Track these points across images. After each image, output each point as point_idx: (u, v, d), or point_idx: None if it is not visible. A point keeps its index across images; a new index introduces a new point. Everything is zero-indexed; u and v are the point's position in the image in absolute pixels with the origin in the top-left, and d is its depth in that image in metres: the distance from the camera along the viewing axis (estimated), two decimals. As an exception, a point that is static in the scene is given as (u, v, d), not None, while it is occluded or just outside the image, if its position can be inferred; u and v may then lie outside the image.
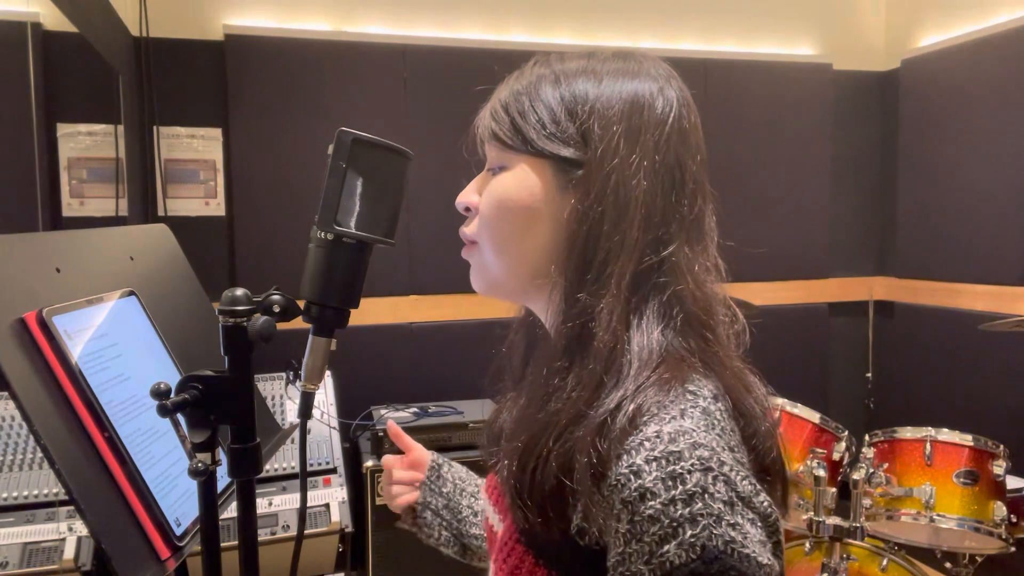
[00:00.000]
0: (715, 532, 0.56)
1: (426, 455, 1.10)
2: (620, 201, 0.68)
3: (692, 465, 0.58)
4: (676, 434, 0.59)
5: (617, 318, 0.66)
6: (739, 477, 0.59)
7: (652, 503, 0.57)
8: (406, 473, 1.09)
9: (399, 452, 1.14)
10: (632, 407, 0.62)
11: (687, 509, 0.56)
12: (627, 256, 0.68)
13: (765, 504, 0.60)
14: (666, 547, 0.56)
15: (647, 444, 0.59)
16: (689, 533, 0.55)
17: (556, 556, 0.66)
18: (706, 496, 0.57)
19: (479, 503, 1.07)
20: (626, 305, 0.67)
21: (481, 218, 0.76)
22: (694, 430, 0.60)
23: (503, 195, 0.74)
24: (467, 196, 0.79)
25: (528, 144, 0.72)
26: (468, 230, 0.78)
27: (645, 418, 0.61)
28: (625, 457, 0.59)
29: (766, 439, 0.68)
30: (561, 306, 0.70)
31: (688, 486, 0.57)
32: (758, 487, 0.60)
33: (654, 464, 0.58)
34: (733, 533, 0.56)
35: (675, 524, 0.56)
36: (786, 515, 0.70)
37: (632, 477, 0.58)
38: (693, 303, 0.69)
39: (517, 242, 0.74)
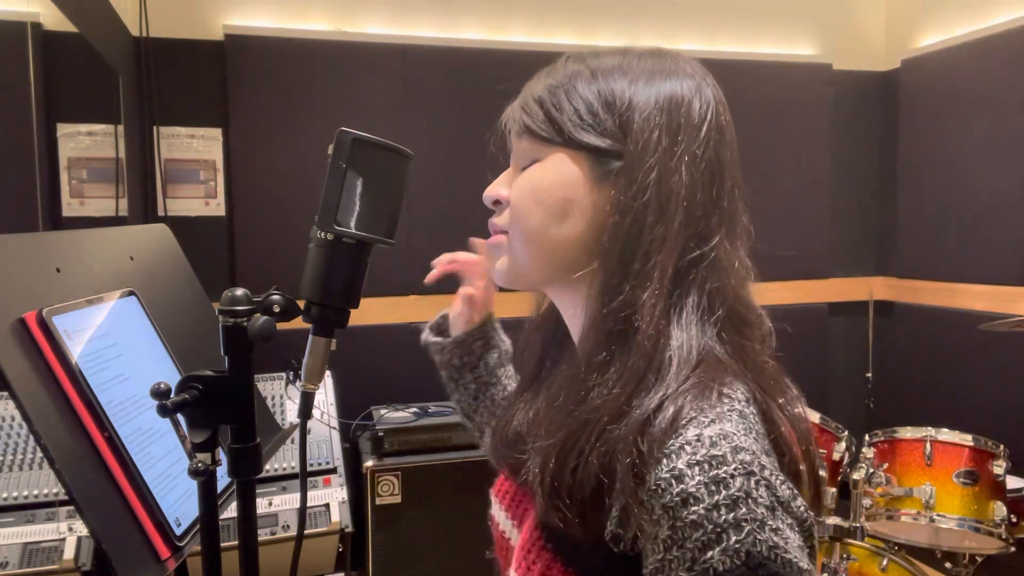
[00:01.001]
0: (759, 538, 0.55)
1: (490, 300, 1.10)
2: (663, 193, 0.67)
3: (735, 470, 0.57)
4: (717, 437, 0.59)
5: (660, 312, 0.65)
6: (778, 481, 0.58)
7: (695, 508, 0.56)
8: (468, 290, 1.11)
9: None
10: (672, 409, 0.61)
11: (731, 514, 0.55)
12: (670, 249, 0.67)
13: (802, 509, 0.59)
14: (709, 553, 0.55)
15: (688, 448, 0.58)
16: (734, 539, 0.54)
17: (587, 562, 0.65)
18: (750, 501, 0.56)
19: (503, 390, 1.08)
20: (668, 299, 0.66)
21: (513, 209, 0.75)
22: (735, 433, 0.59)
23: (537, 185, 0.72)
24: (496, 189, 0.77)
25: (564, 135, 0.71)
26: (499, 220, 0.77)
27: (684, 421, 0.60)
28: (665, 461, 0.58)
29: (800, 444, 0.67)
30: (600, 299, 0.68)
31: (732, 491, 0.56)
32: (795, 491, 0.59)
33: (696, 468, 0.57)
34: (776, 539, 0.55)
35: (719, 530, 0.55)
36: (820, 520, 0.70)
37: (674, 482, 0.57)
38: (735, 299, 0.69)
39: (550, 233, 0.72)
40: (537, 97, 0.74)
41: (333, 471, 2.26)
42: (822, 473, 2.05)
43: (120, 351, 0.96)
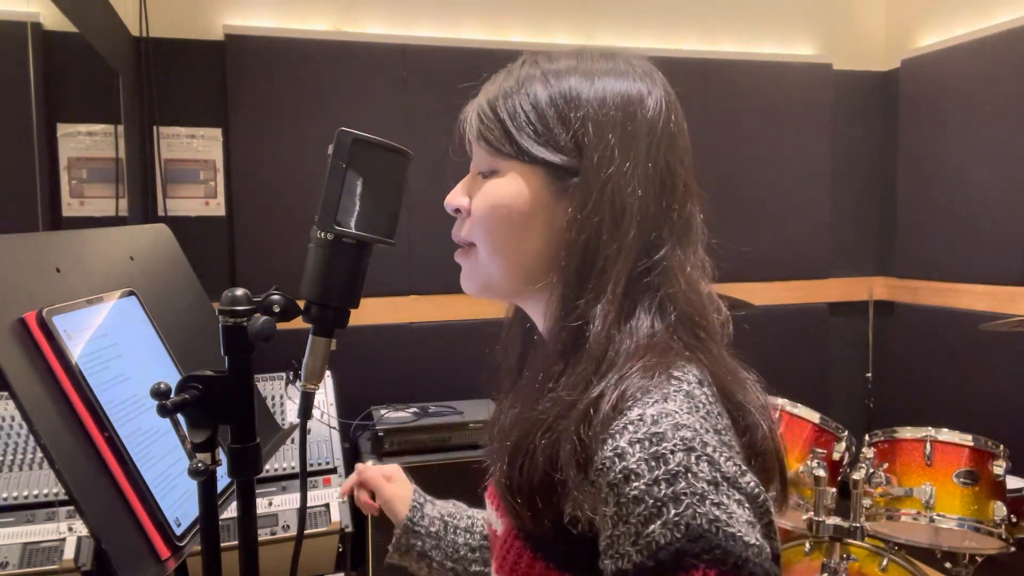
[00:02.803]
0: (699, 511, 0.56)
1: (406, 489, 1.08)
2: (616, 209, 0.69)
3: (675, 445, 0.58)
4: (659, 416, 0.60)
5: (611, 322, 0.67)
6: (723, 458, 0.59)
7: (636, 483, 0.57)
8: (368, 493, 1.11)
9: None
10: (615, 394, 0.63)
11: (670, 488, 0.57)
12: (623, 261, 0.69)
13: (752, 485, 0.60)
14: (651, 527, 0.56)
15: (631, 427, 0.60)
16: (673, 512, 0.56)
17: (552, 547, 0.67)
18: (689, 475, 0.57)
19: (475, 537, 1.05)
20: (620, 309, 0.68)
21: (476, 222, 0.76)
22: (676, 412, 0.61)
23: (497, 201, 0.73)
24: (456, 199, 0.78)
25: (521, 152, 0.72)
26: (463, 233, 0.78)
27: (628, 403, 0.62)
28: (610, 441, 0.60)
29: (758, 430, 0.68)
30: (558, 312, 0.71)
31: (671, 466, 0.57)
32: (744, 468, 0.60)
33: (637, 446, 0.59)
34: (717, 512, 0.56)
35: (659, 504, 0.56)
36: (785, 503, 0.72)
37: (616, 460, 0.59)
38: (687, 304, 0.70)
39: (513, 247, 0.74)
40: (492, 104, 0.74)
41: (333, 471, 2.26)
42: (822, 473, 2.05)
43: (120, 351, 0.96)
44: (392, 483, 1.10)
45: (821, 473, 2.04)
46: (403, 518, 1.06)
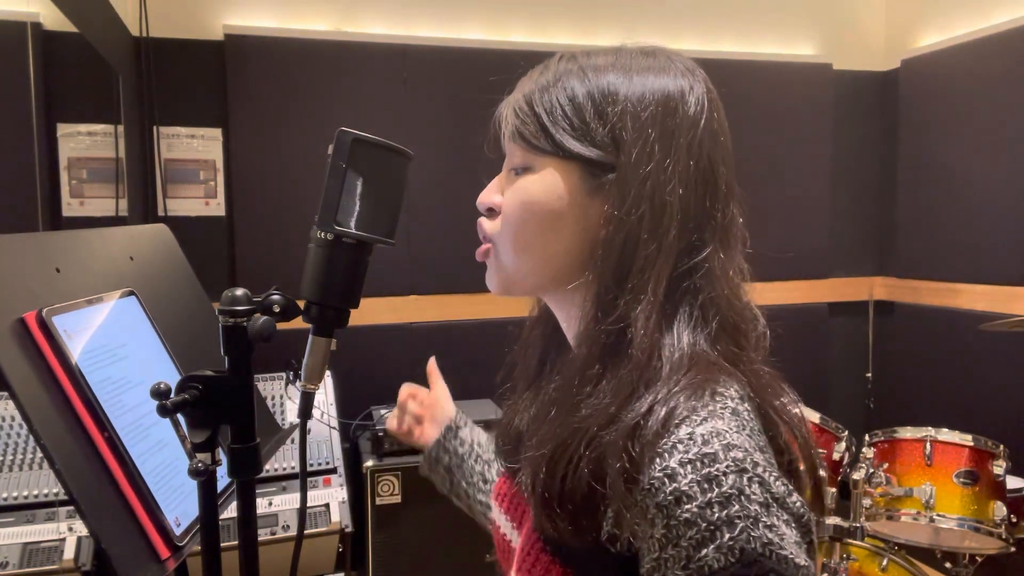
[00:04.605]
0: (752, 534, 0.55)
1: (449, 406, 1.12)
2: (656, 207, 0.66)
3: (727, 467, 0.57)
4: (709, 435, 0.58)
5: (653, 326, 0.65)
6: (772, 478, 0.58)
7: (688, 506, 0.55)
8: (414, 406, 1.15)
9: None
10: (664, 411, 0.61)
11: (724, 512, 0.55)
12: (664, 261, 0.66)
13: (798, 505, 0.59)
14: (704, 551, 0.55)
15: (680, 447, 0.58)
16: (727, 536, 0.54)
17: (586, 564, 0.65)
18: (742, 498, 0.56)
19: (492, 471, 1.07)
20: (661, 311, 0.66)
21: (505, 220, 0.74)
22: (727, 431, 0.59)
23: (529, 197, 0.71)
24: (490, 196, 0.76)
25: (557, 147, 0.70)
26: (489, 228, 0.76)
27: (677, 421, 0.60)
28: (658, 460, 0.58)
29: (798, 443, 0.67)
30: (592, 311, 0.68)
31: (724, 488, 0.56)
32: (791, 488, 0.59)
33: (689, 467, 0.57)
34: (770, 535, 0.55)
35: (712, 527, 0.55)
36: (821, 519, 0.70)
37: (667, 480, 0.57)
38: (729, 309, 0.68)
39: (541, 245, 0.72)
40: (528, 99, 0.72)
41: (333, 471, 2.26)
42: (822, 473, 2.05)
43: (120, 351, 0.96)
44: (434, 393, 1.15)
45: (821, 473, 2.04)
46: (436, 435, 1.10)
